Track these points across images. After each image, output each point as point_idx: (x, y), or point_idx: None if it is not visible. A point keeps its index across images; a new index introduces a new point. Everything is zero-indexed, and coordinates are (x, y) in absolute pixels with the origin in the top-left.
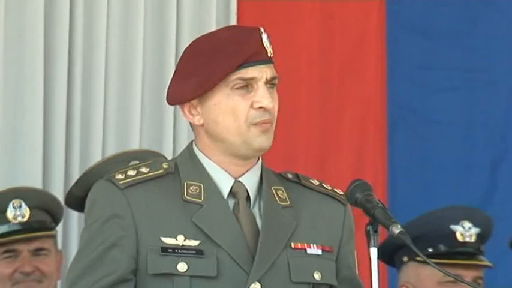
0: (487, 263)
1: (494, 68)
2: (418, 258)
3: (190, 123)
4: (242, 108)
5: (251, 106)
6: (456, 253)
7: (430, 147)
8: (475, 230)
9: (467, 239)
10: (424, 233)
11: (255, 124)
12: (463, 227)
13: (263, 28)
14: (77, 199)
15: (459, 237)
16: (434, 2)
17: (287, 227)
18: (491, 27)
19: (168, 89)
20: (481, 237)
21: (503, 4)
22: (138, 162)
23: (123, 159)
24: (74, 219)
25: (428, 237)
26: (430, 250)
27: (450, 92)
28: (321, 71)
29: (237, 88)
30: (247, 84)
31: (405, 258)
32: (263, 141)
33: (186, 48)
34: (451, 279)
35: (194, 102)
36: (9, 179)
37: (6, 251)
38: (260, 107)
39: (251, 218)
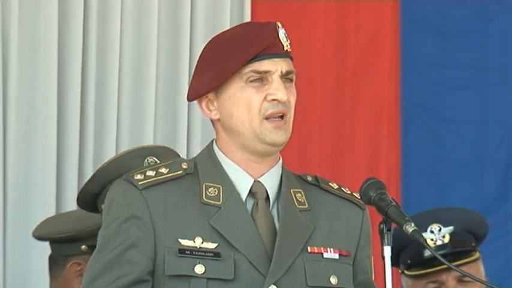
0: (466, 259)
1: (508, 66)
2: (406, 272)
3: (212, 121)
4: (255, 101)
5: (265, 99)
6: (434, 259)
7: (444, 145)
8: (446, 230)
9: (439, 242)
10: (402, 246)
11: (268, 118)
12: (432, 231)
13: (280, 23)
14: (91, 196)
15: (430, 244)
16: (448, 1)
17: (304, 231)
18: (505, 26)
19: (188, 88)
20: (460, 233)
21: None
22: (154, 157)
23: (137, 155)
24: None
25: (407, 249)
26: (409, 261)
27: (464, 91)
28: (335, 69)
29: (251, 81)
30: (262, 78)
31: (400, 271)
32: (276, 136)
33: (204, 46)
34: (435, 284)
35: (211, 97)
36: (24, 178)
37: None
38: (274, 99)
39: (269, 219)
